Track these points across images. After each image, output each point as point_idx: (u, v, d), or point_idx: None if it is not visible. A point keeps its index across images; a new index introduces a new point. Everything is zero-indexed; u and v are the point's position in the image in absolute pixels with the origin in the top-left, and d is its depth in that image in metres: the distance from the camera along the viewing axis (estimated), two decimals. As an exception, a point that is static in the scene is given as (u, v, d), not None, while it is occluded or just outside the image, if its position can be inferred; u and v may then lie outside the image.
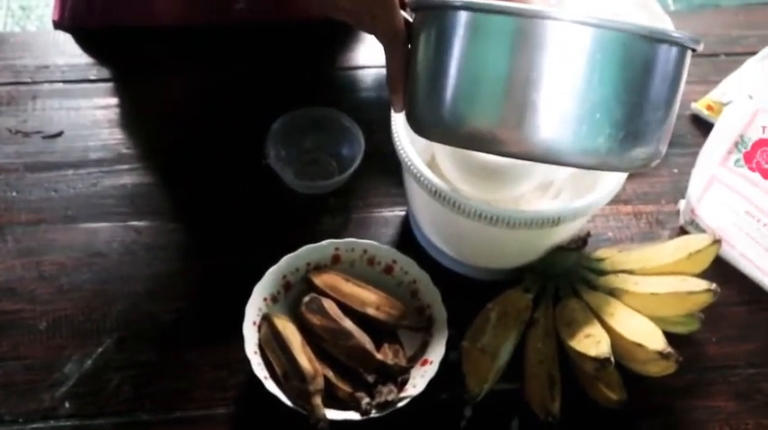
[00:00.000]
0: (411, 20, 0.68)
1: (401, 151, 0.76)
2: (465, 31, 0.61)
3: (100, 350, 0.80)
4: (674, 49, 0.61)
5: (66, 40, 1.03)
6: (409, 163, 0.75)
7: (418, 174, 0.75)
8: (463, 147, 0.70)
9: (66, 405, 0.77)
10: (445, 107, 0.63)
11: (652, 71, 0.61)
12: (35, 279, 0.84)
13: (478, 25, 0.61)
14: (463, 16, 0.61)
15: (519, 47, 0.59)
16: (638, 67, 0.60)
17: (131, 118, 0.97)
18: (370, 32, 0.71)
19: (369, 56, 1.04)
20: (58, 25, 1.06)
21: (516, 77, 0.60)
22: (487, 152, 0.64)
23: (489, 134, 0.61)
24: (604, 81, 0.59)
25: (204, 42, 1.02)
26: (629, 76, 0.60)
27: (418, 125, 0.68)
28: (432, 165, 0.82)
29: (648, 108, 0.61)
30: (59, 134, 0.95)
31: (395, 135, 0.77)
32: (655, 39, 0.60)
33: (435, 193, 0.74)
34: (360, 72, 1.04)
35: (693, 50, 0.64)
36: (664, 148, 0.65)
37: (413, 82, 0.67)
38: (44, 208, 0.89)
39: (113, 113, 0.97)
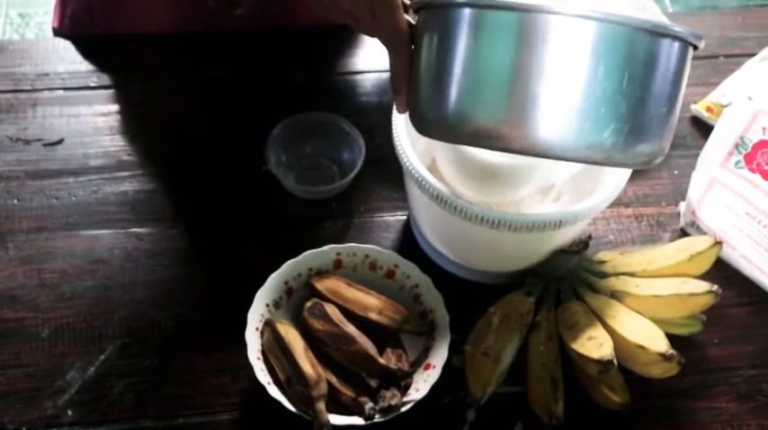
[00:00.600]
0: (414, 22, 0.69)
1: (402, 155, 0.76)
2: (469, 28, 0.62)
3: (102, 357, 0.80)
4: (677, 45, 0.62)
5: (65, 47, 1.03)
6: (410, 167, 0.75)
7: (419, 178, 0.75)
8: (468, 145, 0.70)
9: (69, 412, 0.77)
10: (450, 104, 0.63)
11: (655, 65, 0.61)
12: (36, 286, 0.84)
13: (482, 22, 0.61)
14: (467, 13, 0.62)
15: (523, 42, 0.60)
16: (641, 62, 0.60)
17: (132, 125, 0.97)
18: (372, 35, 0.71)
19: (368, 61, 1.04)
20: (57, 32, 1.06)
21: (521, 73, 0.60)
22: (492, 148, 0.65)
23: (494, 130, 0.62)
24: (608, 75, 0.60)
25: (204, 48, 1.02)
26: (632, 70, 0.60)
27: (422, 124, 0.68)
28: (433, 169, 0.82)
29: (652, 103, 0.62)
30: (60, 141, 0.95)
31: (396, 139, 0.77)
32: (657, 33, 0.61)
33: (437, 197, 0.74)
34: (360, 77, 1.04)
35: (695, 48, 0.64)
36: (667, 145, 0.66)
37: (416, 82, 0.67)
38: (45, 215, 0.89)
39: (114, 120, 0.97)
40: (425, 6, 0.66)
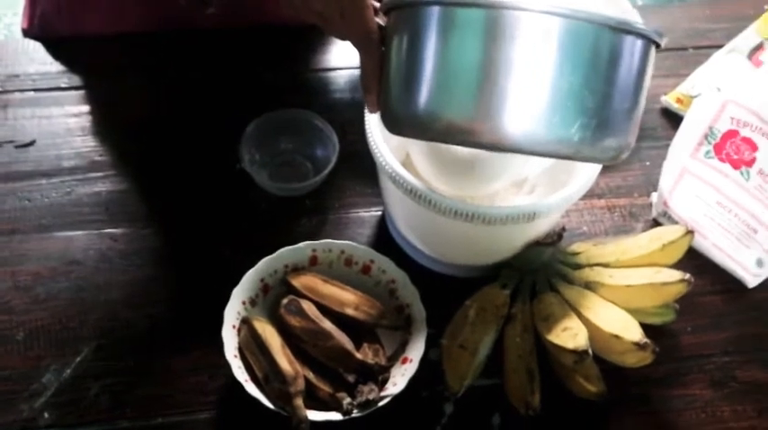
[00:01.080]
0: (383, 24, 0.69)
1: (376, 151, 0.77)
2: (438, 26, 0.62)
3: (78, 359, 0.80)
4: (640, 42, 0.63)
5: (35, 47, 1.02)
6: (384, 163, 0.76)
7: (393, 174, 0.75)
8: (439, 141, 0.71)
9: (46, 415, 0.77)
10: (421, 102, 0.64)
11: (619, 61, 0.62)
12: (10, 289, 0.83)
13: (451, 19, 0.62)
14: (435, 11, 0.62)
15: (491, 38, 0.61)
16: (605, 57, 0.62)
17: (104, 125, 0.97)
18: (342, 37, 0.72)
19: (341, 57, 1.04)
20: (27, 33, 1.05)
21: (489, 69, 0.61)
22: (463, 144, 0.65)
23: (465, 127, 0.62)
24: (574, 70, 0.61)
25: (176, 48, 1.02)
26: (597, 65, 0.61)
27: (393, 122, 0.68)
28: (406, 164, 0.82)
29: (617, 98, 0.63)
30: (32, 143, 0.94)
31: (369, 135, 0.78)
32: (621, 30, 0.62)
33: (411, 192, 0.74)
34: (332, 74, 1.04)
35: (657, 46, 0.65)
36: (633, 140, 0.67)
37: (387, 81, 0.68)
38: (18, 217, 0.88)
39: (86, 121, 0.96)
40: (395, 7, 0.67)
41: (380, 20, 0.69)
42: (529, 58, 0.60)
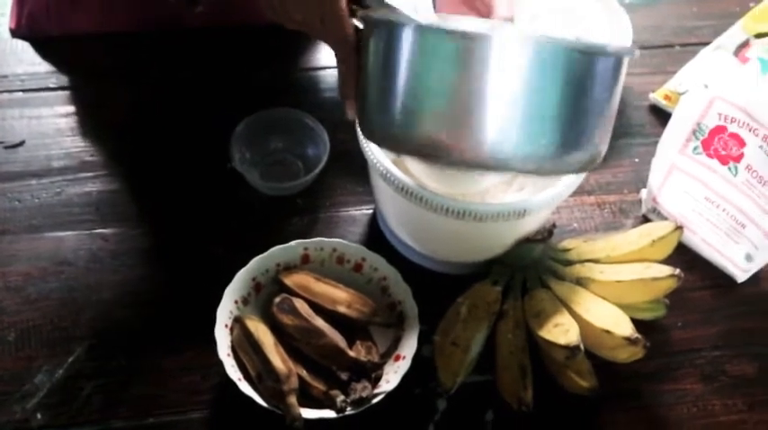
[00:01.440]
0: (361, 26, 0.70)
1: (367, 150, 0.77)
2: (411, 47, 0.63)
3: (70, 359, 0.80)
4: (611, 60, 0.64)
5: (24, 48, 1.02)
6: (375, 161, 0.76)
7: (385, 172, 0.75)
8: (414, 157, 0.72)
9: (38, 416, 0.76)
10: (394, 120, 0.65)
11: (588, 82, 0.63)
12: (1, 290, 0.83)
13: (424, 43, 0.63)
14: (409, 33, 0.63)
15: (462, 63, 0.62)
16: (575, 80, 0.63)
17: (93, 125, 0.96)
18: (323, 39, 0.73)
19: (330, 56, 1.03)
20: (15, 33, 1.04)
21: (461, 90, 0.62)
22: (436, 163, 0.67)
23: (439, 144, 0.63)
24: (544, 92, 0.62)
25: (165, 47, 1.02)
26: (567, 87, 0.62)
27: (370, 134, 0.70)
28: (397, 162, 0.83)
29: (587, 114, 0.64)
30: (21, 143, 0.94)
31: (360, 133, 0.78)
32: (590, 53, 0.63)
33: (402, 190, 0.75)
34: (322, 72, 1.04)
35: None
36: (604, 148, 0.68)
37: (364, 91, 0.69)
38: (8, 218, 0.88)
39: (75, 121, 0.96)
40: (370, 22, 0.67)
41: (357, 22, 0.70)
42: (500, 81, 0.61)
